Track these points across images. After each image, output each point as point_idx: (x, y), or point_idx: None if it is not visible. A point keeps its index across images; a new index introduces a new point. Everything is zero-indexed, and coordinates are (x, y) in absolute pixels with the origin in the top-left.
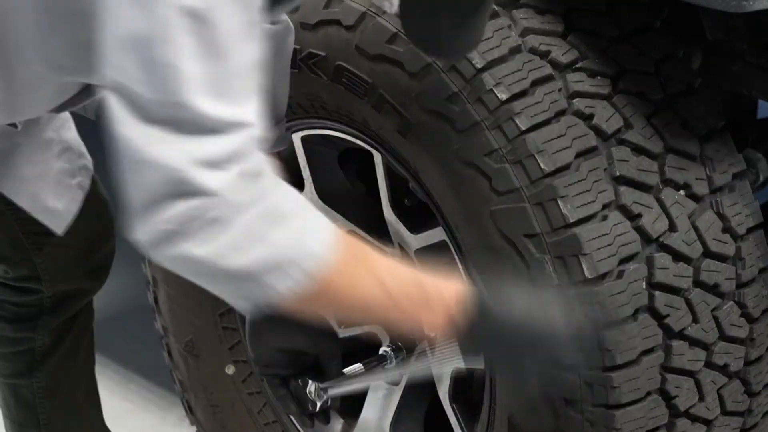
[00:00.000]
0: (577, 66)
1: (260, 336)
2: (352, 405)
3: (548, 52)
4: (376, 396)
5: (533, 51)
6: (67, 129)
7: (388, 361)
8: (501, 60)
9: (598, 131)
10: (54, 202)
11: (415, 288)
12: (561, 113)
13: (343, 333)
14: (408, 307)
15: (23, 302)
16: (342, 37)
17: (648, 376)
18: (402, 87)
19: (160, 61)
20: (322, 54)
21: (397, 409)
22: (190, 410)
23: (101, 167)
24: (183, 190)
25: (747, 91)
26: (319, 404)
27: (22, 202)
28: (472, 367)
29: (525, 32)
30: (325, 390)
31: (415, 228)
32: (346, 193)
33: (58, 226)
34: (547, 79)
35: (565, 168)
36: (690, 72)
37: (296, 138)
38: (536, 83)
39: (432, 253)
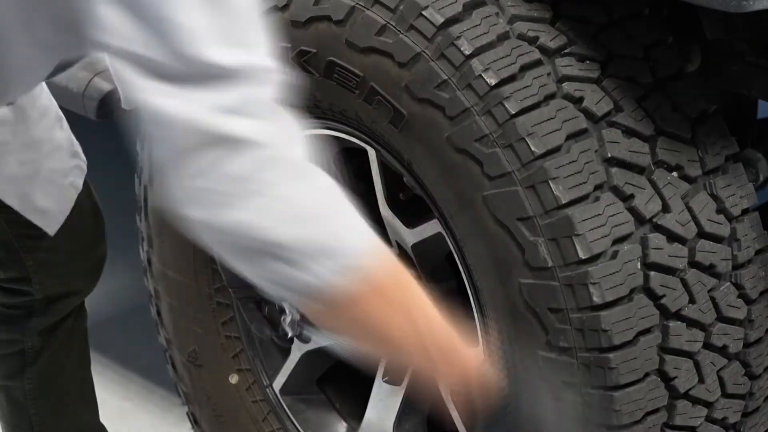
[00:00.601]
0: (565, 51)
1: None
2: (355, 406)
3: (536, 38)
4: (379, 397)
5: (521, 37)
6: (58, 129)
7: None
8: (489, 46)
9: (588, 114)
10: (45, 202)
11: (444, 336)
12: (550, 97)
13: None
14: (432, 354)
15: (13, 304)
16: (332, 32)
17: (646, 356)
18: (392, 78)
19: (160, 18)
20: (313, 51)
21: (400, 409)
22: (195, 422)
23: (93, 169)
24: (206, 139)
25: (747, 91)
26: (290, 334)
27: (12, 201)
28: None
29: (513, 19)
30: (302, 326)
31: (410, 223)
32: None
33: (50, 226)
34: (536, 63)
35: (556, 150)
36: (679, 57)
37: None
38: (525, 68)
39: (428, 247)
